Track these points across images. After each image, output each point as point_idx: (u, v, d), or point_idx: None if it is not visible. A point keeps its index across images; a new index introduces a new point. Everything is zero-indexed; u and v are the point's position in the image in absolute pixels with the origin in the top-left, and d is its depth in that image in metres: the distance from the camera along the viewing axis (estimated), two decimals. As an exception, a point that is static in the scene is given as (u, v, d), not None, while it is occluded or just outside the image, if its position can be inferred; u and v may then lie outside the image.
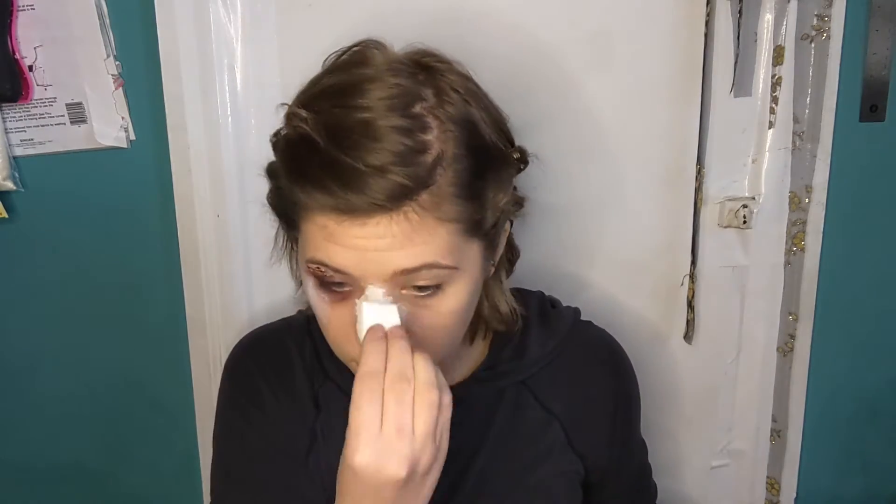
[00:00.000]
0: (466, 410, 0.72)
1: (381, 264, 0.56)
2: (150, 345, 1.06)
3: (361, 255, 0.56)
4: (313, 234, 0.58)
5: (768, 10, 0.90)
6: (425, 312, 0.60)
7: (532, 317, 0.76)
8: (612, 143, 0.95)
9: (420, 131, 0.56)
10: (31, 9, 0.93)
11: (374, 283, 0.57)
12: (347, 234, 0.56)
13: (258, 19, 0.94)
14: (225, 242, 0.99)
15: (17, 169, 0.98)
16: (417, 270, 0.57)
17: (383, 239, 0.55)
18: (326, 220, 0.56)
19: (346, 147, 0.54)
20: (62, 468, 1.11)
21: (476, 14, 0.91)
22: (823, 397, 1.02)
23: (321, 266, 0.58)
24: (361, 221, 0.55)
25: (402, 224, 0.55)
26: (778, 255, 0.98)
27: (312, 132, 0.56)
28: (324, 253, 0.57)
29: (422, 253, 0.57)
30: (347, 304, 0.60)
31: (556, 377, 0.75)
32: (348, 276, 0.58)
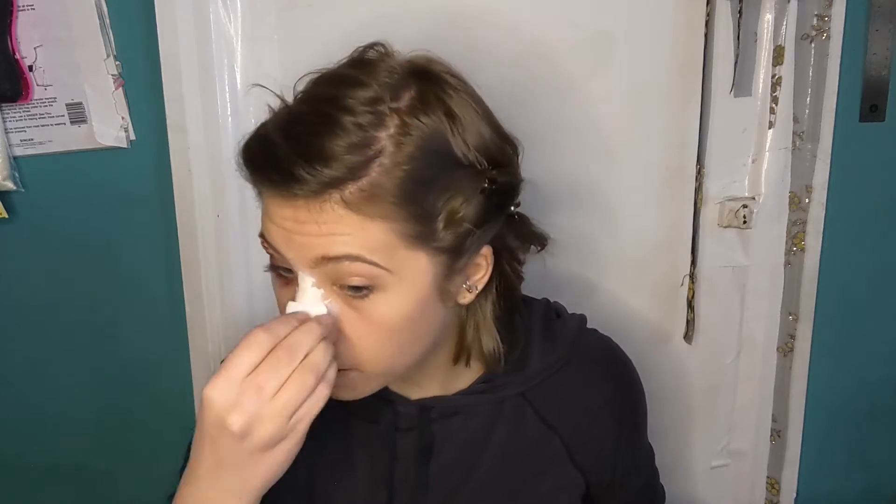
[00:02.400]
0: (464, 422, 0.71)
1: (305, 248, 0.57)
2: (150, 345, 1.06)
3: (289, 237, 0.57)
4: (264, 209, 0.60)
5: (768, 10, 0.90)
6: (354, 315, 0.59)
7: (535, 328, 0.74)
8: (612, 143, 0.95)
9: (373, 127, 0.56)
10: (31, 9, 0.93)
11: (302, 269, 0.58)
12: (278, 214, 0.57)
13: (258, 19, 0.94)
14: (225, 242, 0.99)
15: (17, 169, 0.98)
16: (339, 260, 0.56)
17: (307, 224, 0.56)
18: (267, 196, 0.59)
19: (292, 134, 0.56)
20: (62, 468, 1.11)
21: (476, 15, 0.91)
22: (823, 397, 1.02)
23: (265, 241, 0.60)
24: (289, 203, 0.56)
25: (327, 213, 0.55)
26: (778, 255, 0.98)
27: (277, 116, 0.60)
28: (266, 229, 0.59)
29: (344, 244, 0.56)
30: (289, 291, 0.60)
31: (556, 390, 0.73)
32: (281, 257, 0.59)
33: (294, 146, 0.55)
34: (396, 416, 0.71)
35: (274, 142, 0.56)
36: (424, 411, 0.71)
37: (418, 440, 0.71)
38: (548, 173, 0.96)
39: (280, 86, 0.93)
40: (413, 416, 0.71)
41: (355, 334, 0.59)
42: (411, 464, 0.71)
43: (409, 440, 0.71)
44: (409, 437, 0.71)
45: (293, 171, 0.54)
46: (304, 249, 0.57)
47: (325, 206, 0.55)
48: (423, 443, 0.71)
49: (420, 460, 0.71)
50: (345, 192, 0.55)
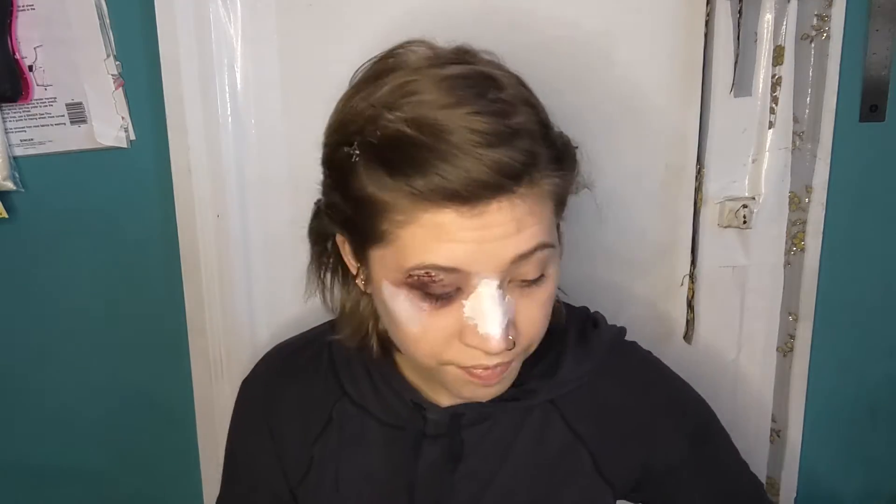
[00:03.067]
0: (490, 428, 0.70)
1: (499, 255, 0.55)
2: (150, 345, 1.06)
3: (478, 248, 0.54)
4: (420, 238, 0.55)
5: (768, 10, 0.90)
6: (527, 302, 0.59)
7: (571, 335, 0.73)
8: (612, 143, 0.95)
9: (506, 113, 0.55)
10: (31, 9, 0.93)
11: (489, 276, 0.55)
12: (462, 227, 0.53)
13: (258, 19, 0.94)
14: (225, 242, 0.99)
15: (17, 169, 0.98)
16: (532, 253, 0.56)
17: (501, 226, 0.54)
18: (438, 214, 0.54)
19: (448, 135, 0.53)
20: (62, 468, 1.11)
21: (476, 14, 0.91)
22: (823, 397, 1.02)
23: (430, 271, 0.55)
24: (479, 210, 0.53)
25: (519, 206, 0.54)
26: (778, 255, 0.98)
27: (407, 128, 0.54)
28: (436, 254, 0.54)
29: (534, 234, 0.56)
30: (446, 309, 0.57)
31: (588, 400, 0.72)
32: (459, 275, 0.55)
33: (470, 150, 0.52)
34: (425, 423, 0.70)
35: (451, 148, 0.52)
36: (455, 418, 0.70)
37: (448, 447, 0.70)
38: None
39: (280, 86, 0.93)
40: (443, 424, 0.70)
41: (528, 320, 0.59)
42: (436, 470, 0.70)
43: (436, 447, 0.70)
44: (436, 444, 0.70)
45: (483, 171, 0.52)
46: (496, 256, 0.55)
47: (517, 198, 0.54)
48: (453, 450, 0.70)
49: (447, 467, 0.70)
50: (529, 179, 0.55)
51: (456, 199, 0.53)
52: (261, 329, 1.03)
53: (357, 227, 0.59)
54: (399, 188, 0.54)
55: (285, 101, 0.96)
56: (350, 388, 0.73)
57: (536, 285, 0.59)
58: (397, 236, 0.56)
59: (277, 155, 0.98)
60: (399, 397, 0.71)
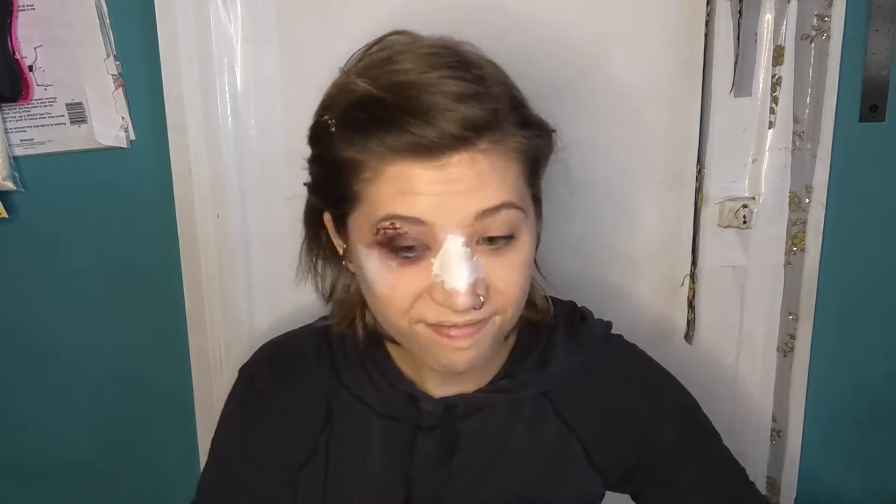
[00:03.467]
0: (484, 420, 0.71)
1: (462, 208, 0.56)
2: (150, 344, 1.06)
3: (440, 201, 0.56)
4: (386, 191, 0.57)
5: (768, 10, 0.90)
6: (499, 264, 0.59)
7: (559, 326, 0.74)
8: (612, 143, 0.95)
9: (477, 80, 0.57)
10: (31, 9, 0.93)
11: (453, 231, 0.57)
12: (425, 180, 0.55)
13: (258, 19, 0.94)
14: (225, 242, 0.99)
15: (17, 169, 0.98)
16: (497, 211, 0.57)
17: (462, 181, 0.56)
18: (403, 168, 0.56)
19: (415, 93, 0.55)
20: (62, 467, 1.11)
21: (476, 14, 0.91)
22: (823, 397, 1.02)
23: (395, 222, 0.56)
24: (442, 163, 0.55)
25: (481, 162, 0.56)
26: (778, 255, 0.98)
27: (376, 90, 0.56)
28: (400, 205, 0.56)
29: (498, 193, 0.57)
30: (415, 267, 0.59)
31: (579, 392, 0.73)
32: (424, 229, 0.57)
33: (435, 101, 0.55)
34: (420, 414, 0.71)
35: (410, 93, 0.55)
36: (449, 409, 0.71)
37: (442, 439, 0.71)
38: (547, 173, 0.96)
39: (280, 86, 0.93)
40: (437, 415, 0.71)
41: (501, 282, 0.60)
42: (432, 462, 0.70)
43: (430, 439, 0.71)
44: (431, 435, 0.71)
45: (444, 123, 0.54)
46: (460, 210, 0.56)
47: (479, 154, 0.56)
48: (447, 442, 0.71)
49: (443, 459, 0.70)
50: (491, 136, 0.56)
51: (418, 151, 0.55)
52: (260, 327, 1.03)
53: (335, 196, 0.62)
54: (366, 146, 0.56)
55: (285, 101, 0.96)
56: (348, 380, 0.74)
57: (508, 248, 0.60)
58: (367, 194, 0.58)
59: (277, 155, 0.98)
60: (394, 388, 0.72)
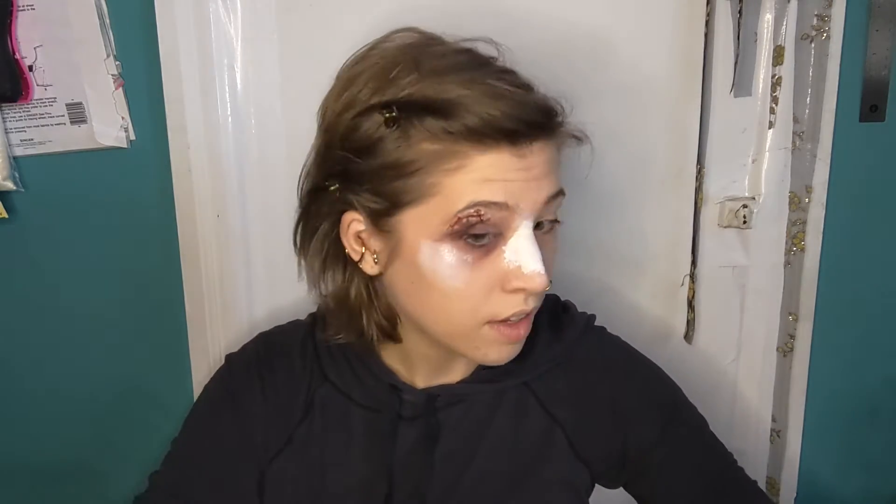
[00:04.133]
0: (466, 410, 0.72)
1: (538, 193, 0.60)
2: (150, 344, 1.06)
3: (524, 186, 0.59)
4: (471, 179, 0.58)
5: (768, 10, 0.91)
6: (545, 251, 0.63)
7: (543, 319, 0.75)
8: (613, 142, 0.95)
9: (520, 75, 0.63)
10: (31, 9, 0.93)
11: (527, 216, 0.60)
12: (513, 167, 0.59)
13: (258, 19, 0.94)
14: (225, 242, 0.99)
15: (17, 169, 0.98)
16: (556, 197, 0.62)
17: (538, 167, 0.60)
18: (492, 157, 0.58)
19: (489, 87, 0.58)
20: (62, 467, 1.11)
21: (476, 14, 0.91)
22: (823, 397, 1.02)
23: (481, 209, 0.58)
24: (525, 151, 0.59)
25: (550, 149, 0.61)
26: (778, 255, 0.98)
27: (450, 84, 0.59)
28: (488, 192, 0.58)
29: (558, 179, 0.62)
30: (488, 259, 0.61)
31: (561, 382, 0.74)
32: (506, 214, 0.59)
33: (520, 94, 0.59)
34: (401, 404, 0.72)
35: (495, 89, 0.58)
36: (431, 400, 0.72)
37: (424, 429, 0.71)
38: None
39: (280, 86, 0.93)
40: (419, 405, 0.71)
41: (547, 263, 0.63)
42: (413, 452, 0.71)
43: (412, 429, 0.71)
44: (412, 426, 0.72)
45: (529, 111, 0.58)
46: (537, 193, 0.60)
47: (551, 142, 0.61)
48: (429, 431, 0.71)
49: (425, 449, 0.71)
50: (558, 126, 0.62)
51: (508, 137, 0.58)
52: (260, 328, 1.02)
53: (385, 194, 0.61)
54: (454, 133, 0.57)
55: (285, 101, 0.96)
56: (332, 375, 0.74)
57: (551, 235, 0.65)
58: (444, 186, 0.59)
59: (277, 155, 0.98)
60: (377, 380, 0.73)
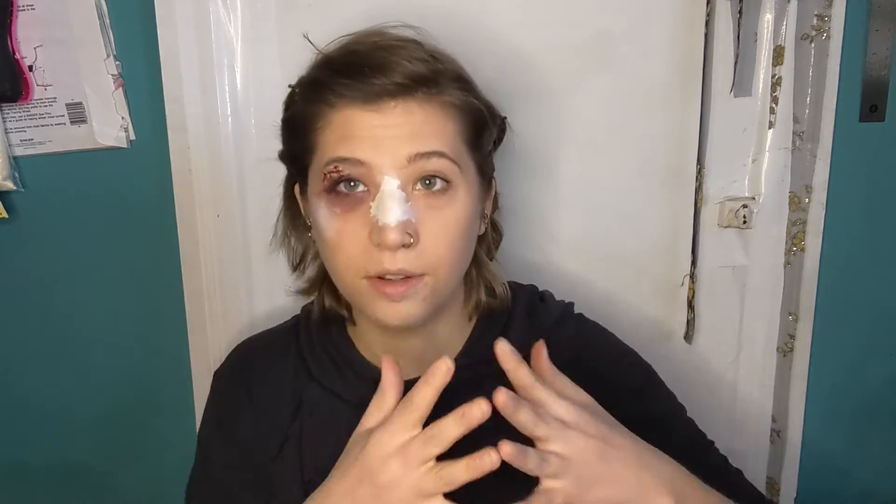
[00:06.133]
0: (445, 402, 0.72)
1: (398, 149, 0.62)
2: (150, 344, 1.06)
3: (379, 143, 0.62)
4: (333, 137, 0.64)
5: (768, 10, 0.90)
6: (431, 215, 0.64)
7: (519, 310, 0.77)
8: (612, 143, 0.95)
9: (428, 54, 0.66)
10: (31, 9, 0.93)
11: (389, 172, 0.62)
12: (367, 124, 0.62)
13: (258, 19, 0.94)
14: (225, 242, 0.99)
15: (17, 169, 0.98)
16: (429, 157, 0.63)
17: (399, 126, 0.62)
18: (349, 113, 0.63)
19: (368, 53, 0.64)
20: (62, 468, 1.11)
21: (476, 14, 0.91)
22: (823, 397, 1.02)
23: (338, 165, 0.63)
24: (382, 109, 0.62)
25: (417, 113, 0.63)
26: (778, 255, 0.98)
27: (336, 54, 0.66)
28: (344, 148, 0.63)
29: (431, 141, 0.63)
30: (357, 212, 0.64)
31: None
32: (364, 170, 0.63)
33: (382, 56, 0.63)
34: None
35: (360, 52, 0.64)
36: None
37: None
38: (547, 173, 0.96)
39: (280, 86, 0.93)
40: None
41: (431, 234, 0.64)
42: None
43: None
44: None
45: (388, 73, 0.62)
46: (396, 151, 0.62)
47: (415, 104, 0.63)
48: None
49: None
50: (430, 92, 0.64)
51: (364, 97, 0.62)
52: (260, 327, 1.02)
53: (296, 153, 0.69)
54: (320, 96, 0.64)
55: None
56: (317, 373, 0.76)
57: (443, 201, 0.65)
58: (319, 143, 0.65)
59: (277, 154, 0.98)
60: (360, 376, 0.74)
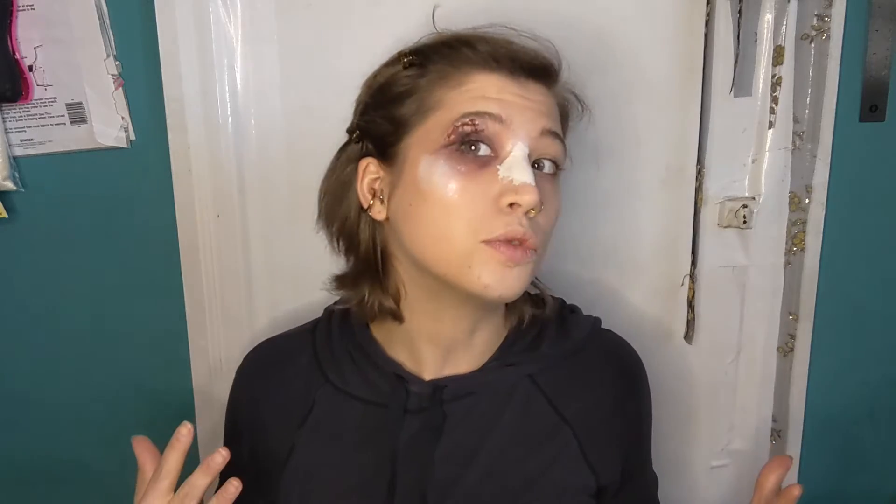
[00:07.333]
0: (473, 404, 0.72)
1: (534, 121, 0.65)
2: (150, 345, 1.06)
3: (520, 109, 0.64)
4: (471, 96, 0.64)
5: (768, 10, 0.91)
6: (545, 192, 0.65)
7: (551, 319, 0.76)
8: (613, 142, 0.95)
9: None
10: (31, 9, 0.93)
11: (523, 139, 0.64)
12: (510, 90, 0.65)
13: (258, 19, 0.94)
14: (225, 242, 0.99)
15: (17, 169, 0.98)
16: (554, 136, 0.66)
17: (537, 102, 0.66)
18: (491, 76, 0.65)
19: (503, 37, 0.69)
20: (62, 468, 1.11)
21: (475, 14, 0.91)
22: (823, 397, 1.02)
23: (475, 119, 0.63)
24: (524, 83, 0.66)
25: (548, 97, 0.68)
26: (778, 255, 0.98)
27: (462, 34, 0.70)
28: (485, 104, 0.64)
29: (556, 124, 0.67)
30: (483, 173, 0.63)
31: (569, 381, 0.74)
32: (500, 128, 0.63)
33: (525, 40, 0.69)
34: (407, 397, 0.71)
35: (495, 36, 0.68)
36: (437, 391, 0.71)
37: (428, 420, 0.71)
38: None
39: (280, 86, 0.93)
40: (425, 397, 0.71)
41: (544, 214, 0.66)
42: (417, 443, 0.71)
43: (417, 420, 0.71)
44: (417, 418, 0.71)
45: (532, 56, 0.67)
46: (533, 121, 0.65)
47: (548, 91, 0.68)
48: (434, 423, 0.71)
49: (428, 441, 0.71)
50: (554, 85, 0.70)
51: (510, 66, 0.65)
52: (260, 327, 1.03)
53: (394, 118, 0.67)
54: (461, 57, 0.66)
55: (285, 101, 0.96)
56: (332, 375, 0.75)
57: (553, 182, 0.68)
58: (445, 100, 0.65)
59: (277, 155, 0.98)
60: (381, 372, 0.73)
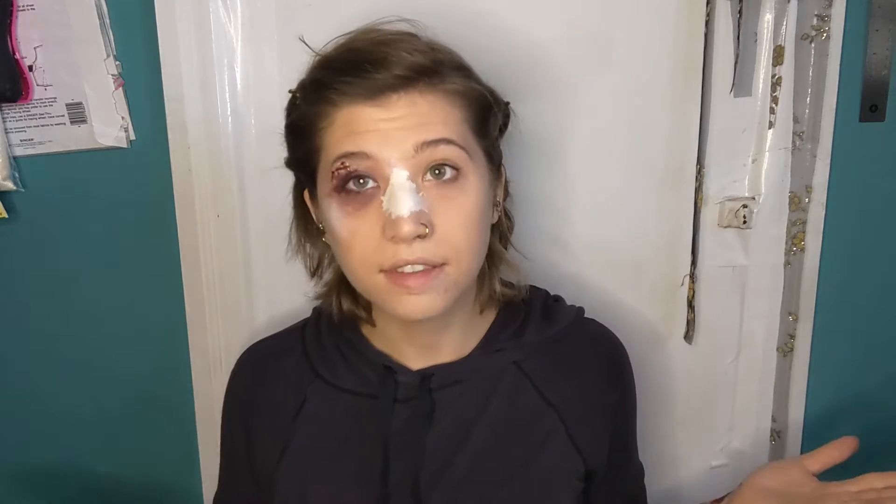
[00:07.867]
0: (461, 392, 0.73)
1: (404, 140, 0.62)
2: (150, 345, 1.06)
3: (385, 136, 0.62)
4: (338, 135, 0.63)
5: (768, 10, 0.91)
6: (445, 205, 0.63)
7: (534, 307, 0.78)
8: (612, 143, 0.95)
9: (426, 45, 0.66)
10: (31, 9, 0.93)
11: (397, 164, 0.62)
12: (372, 118, 0.62)
13: (258, 19, 0.94)
14: (225, 242, 0.99)
15: (17, 169, 0.98)
16: (436, 144, 0.62)
17: (404, 118, 0.62)
18: (352, 110, 0.62)
19: (367, 49, 0.63)
20: (62, 468, 1.11)
21: (476, 14, 0.91)
22: (823, 397, 1.02)
23: (345, 161, 0.62)
24: (385, 103, 0.62)
25: (420, 103, 0.63)
26: (778, 255, 0.98)
27: (334, 52, 0.66)
28: (349, 143, 0.62)
29: (437, 129, 0.63)
30: (370, 208, 0.63)
31: (555, 367, 0.76)
32: (372, 163, 0.62)
33: (382, 51, 0.62)
34: (397, 387, 0.73)
35: (359, 49, 0.64)
36: (425, 380, 0.73)
37: (418, 408, 0.72)
38: (547, 173, 0.96)
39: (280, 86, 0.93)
40: (413, 386, 0.73)
41: (447, 224, 0.63)
42: (408, 432, 0.72)
43: (406, 409, 0.73)
44: (407, 406, 0.73)
45: (389, 67, 0.61)
46: (402, 141, 0.62)
47: (418, 94, 0.63)
48: (423, 411, 0.72)
49: (419, 429, 0.72)
50: (433, 82, 0.63)
51: (366, 93, 0.62)
52: (260, 328, 1.03)
53: (303, 157, 0.68)
54: (322, 96, 0.64)
55: (285, 101, 0.96)
56: (323, 371, 0.76)
57: (455, 189, 0.64)
58: (324, 143, 0.65)
59: (277, 155, 0.98)
60: (370, 364, 0.74)
